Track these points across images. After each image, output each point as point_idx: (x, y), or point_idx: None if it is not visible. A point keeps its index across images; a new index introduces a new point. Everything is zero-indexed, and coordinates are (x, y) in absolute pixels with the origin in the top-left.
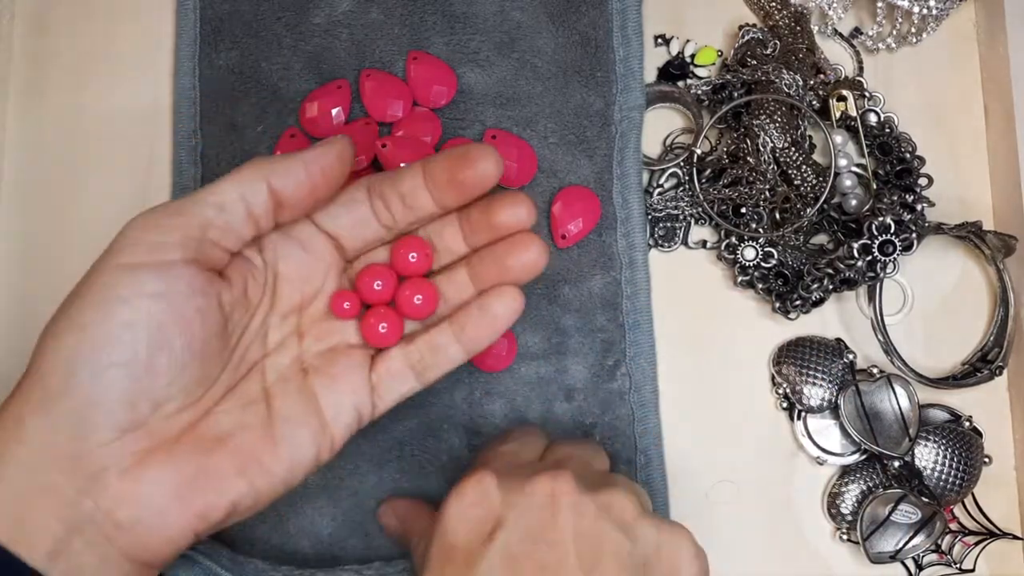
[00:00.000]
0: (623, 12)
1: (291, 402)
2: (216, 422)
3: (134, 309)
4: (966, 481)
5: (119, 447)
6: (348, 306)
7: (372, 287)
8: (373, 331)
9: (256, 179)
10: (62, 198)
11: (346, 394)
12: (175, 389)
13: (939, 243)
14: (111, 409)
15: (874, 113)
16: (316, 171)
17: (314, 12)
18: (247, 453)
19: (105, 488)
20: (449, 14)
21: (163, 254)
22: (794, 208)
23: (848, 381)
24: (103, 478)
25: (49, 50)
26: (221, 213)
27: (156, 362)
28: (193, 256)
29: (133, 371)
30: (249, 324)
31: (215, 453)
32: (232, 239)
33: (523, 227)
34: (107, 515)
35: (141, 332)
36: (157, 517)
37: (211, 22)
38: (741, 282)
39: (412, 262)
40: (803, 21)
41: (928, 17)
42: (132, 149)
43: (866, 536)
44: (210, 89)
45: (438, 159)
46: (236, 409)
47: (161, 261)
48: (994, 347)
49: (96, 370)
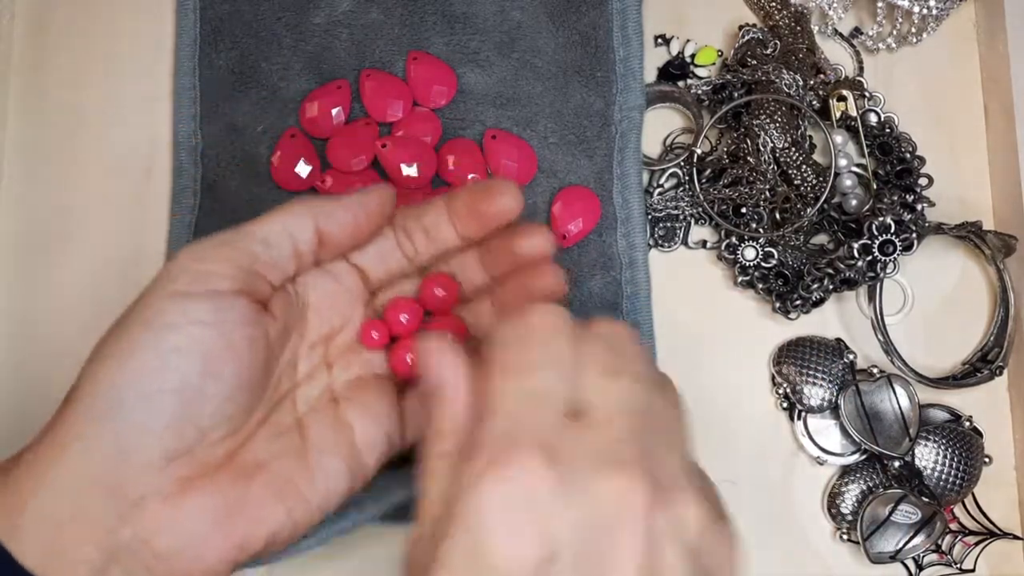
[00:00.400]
0: (623, 12)
1: (324, 432)
2: (253, 451)
3: (185, 336)
4: (966, 481)
5: (162, 474)
6: (376, 336)
7: (399, 320)
8: (400, 362)
9: (304, 218)
10: (61, 198)
11: (378, 423)
12: (221, 418)
13: (939, 243)
14: (159, 435)
15: (874, 113)
16: (361, 215)
17: (314, 12)
18: (285, 481)
19: (145, 516)
20: (449, 14)
21: (214, 284)
22: (794, 208)
23: (848, 381)
24: (144, 506)
25: (49, 50)
26: (268, 248)
27: (206, 389)
28: (241, 287)
29: (183, 397)
30: (281, 354)
31: (254, 481)
32: (276, 273)
33: (543, 256)
34: (146, 544)
35: (192, 358)
36: (197, 547)
37: (211, 22)
38: (741, 282)
39: (439, 296)
40: (803, 21)
41: (928, 17)
42: (132, 149)
43: (866, 536)
44: (210, 89)
45: (460, 194)
46: (271, 439)
47: (212, 290)
48: (994, 347)
49: (145, 395)
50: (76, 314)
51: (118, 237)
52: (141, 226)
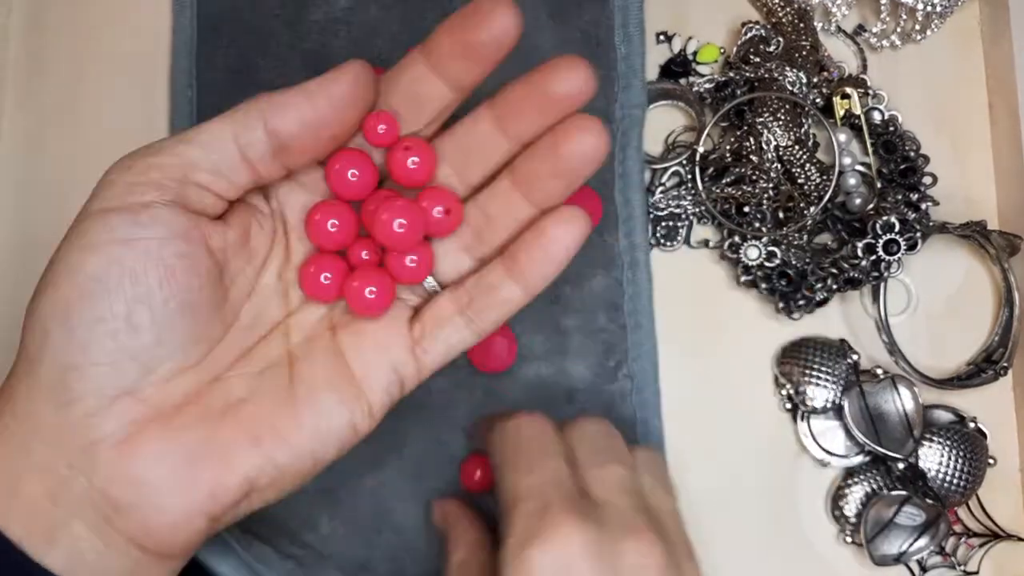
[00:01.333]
0: (624, 9)
1: (315, 364)
2: (226, 390)
3: (104, 258)
4: (971, 483)
5: (109, 417)
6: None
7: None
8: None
9: (251, 118)
10: (59, 196)
11: (380, 350)
12: (166, 349)
13: (943, 242)
14: (91, 373)
15: (878, 111)
16: (324, 105)
17: (312, 9)
18: (261, 422)
19: (98, 464)
20: (449, 11)
21: (137, 196)
22: (797, 207)
23: (852, 382)
24: (94, 452)
25: (46, 47)
26: (209, 154)
27: (136, 317)
28: (172, 198)
29: (110, 328)
30: (260, 278)
31: (223, 423)
32: (223, 184)
33: (581, 100)
34: (103, 495)
35: (114, 283)
36: (157, 497)
37: (208, 19)
38: (744, 282)
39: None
40: (806, 18)
41: (932, 14)
42: (129, 146)
43: (870, 538)
44: (207, 87)
45: (437, 31)
46: (252, 375)
47: (134, 203)
48: (999, 347)
49: (69, 329)
50: None
51: None
52: None
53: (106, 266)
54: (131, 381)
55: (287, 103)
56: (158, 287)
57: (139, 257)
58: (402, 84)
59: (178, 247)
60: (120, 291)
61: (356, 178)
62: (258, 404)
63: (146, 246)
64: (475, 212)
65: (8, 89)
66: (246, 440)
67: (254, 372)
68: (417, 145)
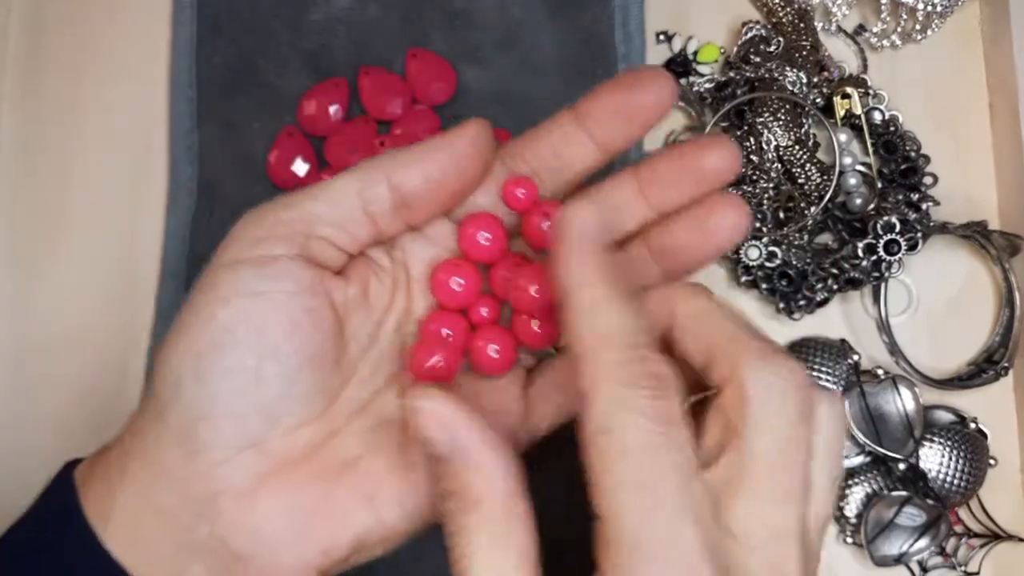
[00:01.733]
0: (625, 9)
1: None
2: (343, 445)
3: (234, 310)
4: (971, 483)
5: (234, 468)
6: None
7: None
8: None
9: (373, 172)
10: (56, 195)
11: (495, 413)
12: (290, 402)
13: (944, 243)
14: (220, 424)
15: (878, 111)
16: (446, 161)
17: (312, 9)
18: (375, 481)
19: (220, 513)
20: (449, 11)
21: (265, 249)
22: (798, 207)
23: (853, 382)
24: (218, 503)
25: (46, 46)
26: (333, 208)
27: (264, 370)
28: (298, 251)
29: (239, 380)
30: (380, 331)
31: (340, 481)
32: (345, 238)
33: (728, 176)
34: (223, 543)
35: (243, 335)
36: (274, 549)
37: (208, 19)
38: (744, 282)
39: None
40: (807, 18)
41: (932, 14)
42: (128, 146)
43: (871, 539)
44: (207, 87)
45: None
46: (367, 430)
47: (262, 256)
48: (1000, 347)
49: (200, 380)
50: (70, 313)
51: (114, 236)
52: (137, 225)
53: (235, 318)
54: (257, 433)
55: (410, 159)
56: (284, 340)
57: (267, 310)
58: (547, 144)
59: (304, 301)
60: (248, 344)
61: (488, 242)
62: (372, 462)
63: (274, 299)
64: None
65: (7, 88)
66: (360, 499)
67: (370, 427)
68: (556, 210)
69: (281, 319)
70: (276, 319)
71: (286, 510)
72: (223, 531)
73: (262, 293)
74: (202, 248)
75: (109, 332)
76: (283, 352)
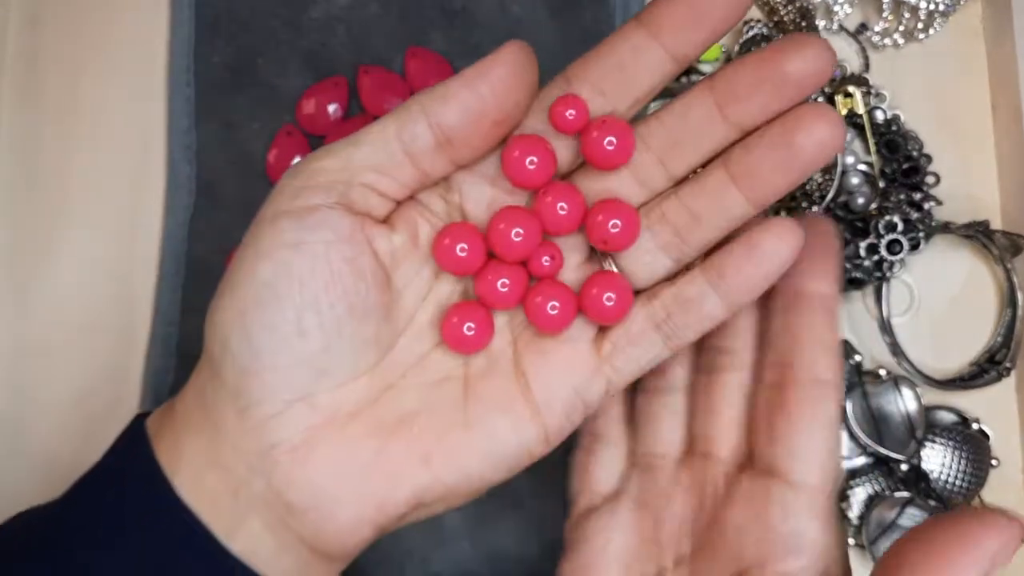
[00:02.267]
0: (625, 7)
1: (493, 381)
2: (399, 400)
3: (275, 263)
4: (973, 484)
5: (285, 422)
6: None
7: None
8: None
9: (412, 112)
10: (54, 195)
11: (563, 372)
12: (336, 354)
13: (946, 242)
14: (267, 378)
15: (880, 110)
16: (485, 91)
17: (311, 7)
18: (432, 439)
19: (275, 467)
20: (448, 9)
21: (304, 199)
22: (800, 206)
23: (855, 383)
24: (272, 456)
25: (44, 45)
26: (373, 153)
27: (304, 322)
28: (337, 200)
29: (281, 333)
30: (437, 280)
31: (395, 437)
32: (388, 183)
33: (819, 81)
34: (279, 496)
35: (284, 288)
36: (328, 504)
37: (207, 17)
38: None
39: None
40: (808, 17)
41: (935, 13)
42: (127, 146)
43: (873, 540)
44: (205, 85)
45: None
46: (426, 385)
47: (301, 207)
48: (1002, 348)
49: (245, 335)
50: (68, 313)
51: (112, 235)
52: (135, 224)
53: (275, 272)
54: (305, 387)
55: (447, 93)
56: (324, 292)
57: (306, 261)
58: (614, 58)
59: (343, 250)
60: (290, 297)
61: (535, 166)
62: (430, 419)
63: (312, 250)
64: (678, 208)
65: (5, 87)
66: (416, 457)
67: (429, 383)
68: (613, 123)
69: (320, 269)
70: (315, 270)
71: (340, 464)
72: (278, 484)
73: (300, 244)
74: (201, 248)
75: (107, 332)
76: (323, 303)
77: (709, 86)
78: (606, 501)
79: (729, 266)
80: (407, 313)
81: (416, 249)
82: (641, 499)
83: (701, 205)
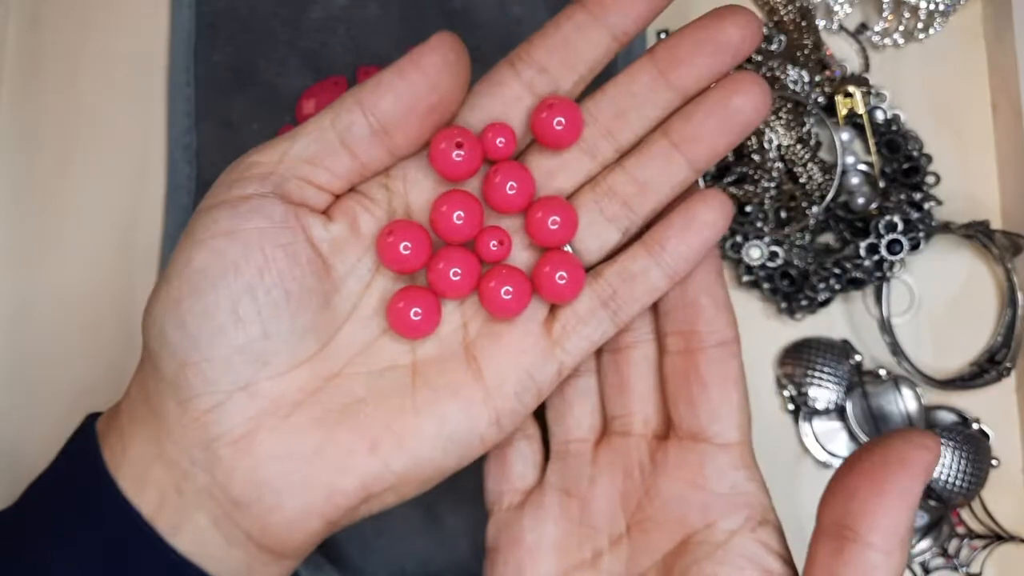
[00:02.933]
0: None
1: (442, 366)
2: (345, 388)
3: (208, 251)
4: (973, 484)
5: (226, 413)
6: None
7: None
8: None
9: (347, 103)
10: (55, 195)
11: (514, 355)
12: (275, 341)
13: (946, 242)
14: (205, 368)
15: (880, 110)
16: (416, 79)
17: (311, 8)
18: (379, 426)
19: (218, 461)
20: (448, 10)
21: (239, 190)
22: (800, 207)
23: (855, 383)
24: (214, 449)
25: (43, 45)
26: (308, 145)
27: (240, 309)
28: (271, 190)
29: (217, 322)
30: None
31: (340, 425)
32: (326, 175)
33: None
34: (223, 490)
35: (218, 276)
36: (274, 496)
37: (206, 18)
38: (746, 282)
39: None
40: (808, 16)
41: (935, 13)
42: (126, 146)
43: None
44: (205, 86)
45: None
46: (372, 374)
47: (235, 196)
48: (1002, 347)
49: (181, 325)
50: (68, 312)
51: (111, 236)
52: (135, 225)
53: (209, 259)
54: (245, 376)
55: (380, 83)
56: (258, 277)
57: (239, 249)
58: (556, 38)
59: (277, 236)
60: (224, 284)
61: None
62: (377, 406)
63: (246, 237)
64: (624, 179)
65: (5, 87)
66: (363, 445)
67: (376, 370)
68: (561, 103)
69: (254, 255)
70: (248, 256)
71: (284, 455)
72: (222, 478)
73: (234, 232)
74: None
75: (107, 331)
76: (258, 289)
77: (651, 57)
78: (529, 496)
79: (671, 238)
80: (350, 301)
81: (357, 238)
82: (564, 487)
83: (647, 174)
